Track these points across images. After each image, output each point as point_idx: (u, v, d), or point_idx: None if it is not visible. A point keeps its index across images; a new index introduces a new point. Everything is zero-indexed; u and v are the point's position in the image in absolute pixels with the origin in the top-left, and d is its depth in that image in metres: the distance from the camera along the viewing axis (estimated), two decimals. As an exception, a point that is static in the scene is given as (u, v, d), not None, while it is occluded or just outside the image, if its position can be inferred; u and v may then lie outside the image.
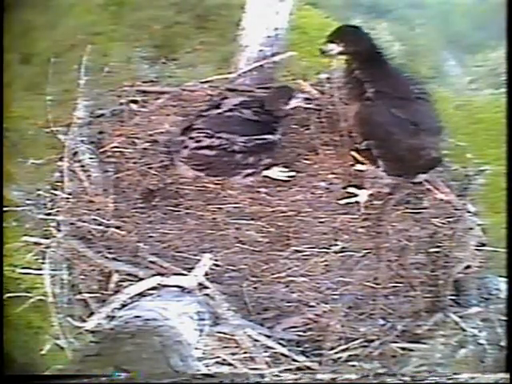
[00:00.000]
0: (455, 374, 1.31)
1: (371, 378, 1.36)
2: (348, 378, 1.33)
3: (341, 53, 2.25)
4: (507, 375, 1.35)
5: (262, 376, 1.74)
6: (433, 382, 1.26)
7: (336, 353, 2.05)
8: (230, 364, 2.02)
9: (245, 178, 2.40)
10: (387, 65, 2.31)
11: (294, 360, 2.01)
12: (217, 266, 2.18)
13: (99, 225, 2.29)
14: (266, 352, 2.00)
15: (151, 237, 2.29)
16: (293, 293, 2.18)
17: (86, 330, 2.08)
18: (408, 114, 2.19)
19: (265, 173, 2.43)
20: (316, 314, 2.13)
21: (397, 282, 2.25)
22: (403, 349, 2.09)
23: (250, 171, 2.38)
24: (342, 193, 2.44)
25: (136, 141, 2.58)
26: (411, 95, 2.23)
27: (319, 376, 1.47)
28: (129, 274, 2.13)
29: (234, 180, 2.42)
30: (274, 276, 2.21)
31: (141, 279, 2.07)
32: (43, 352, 2.34)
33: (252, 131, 2.34)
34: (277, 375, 1.80)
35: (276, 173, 2.46)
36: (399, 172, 2.34)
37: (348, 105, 2.33)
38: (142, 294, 2.01)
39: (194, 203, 2.40)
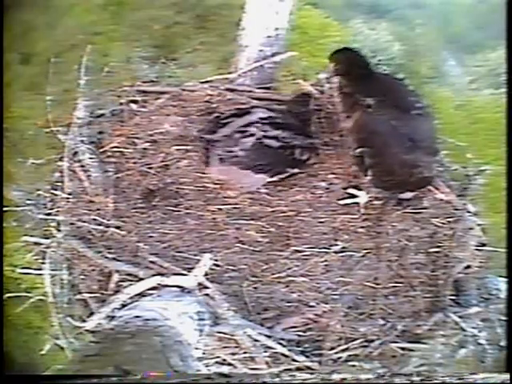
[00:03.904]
0: (472, 373, 1.31)
1: (387, 378, 1.36)
2: (358, 378, 1.33)
3: (335, 73, 2.38)
4: (507, 375, 1.35)
5: (278, 376, 1.74)
6: (442, 382, 1.25)
7: (336, 353, 2.05)
8: (230, 364, 2.02)
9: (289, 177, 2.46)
10: (386, 80, 2.37)
11: (294, 360, 2.01)
12: (217, 265, 2.17)
13: (99, 225, 2.29)
14: (265, 352, 2.00)
15: (151, 237, 2.29)
16: (293, 293, 2.18)
17: (86, 330, 2.08)
18: (407, 129, 2.18)
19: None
20: (316, 314, 2.13)
21: (397, 282, 2.25)
22: (403, 349, 2.09)
23: (297, 170, 2.45)
24: (342, 193, 2.44)
25: (136, 141, 2.58)
26: (413, 112, 2.22)
27: (334, 376, 1.47)
28: (129, 274, 2.13)
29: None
30: (274, 276, 2.21)
31: (141, 279, 2.06)
32: (43, 352, 2.33)
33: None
34: (292, 375, 1.79)
35: None
36: (386, 185, 2.32)
37: (346, 116, 2.33)
38: (142, 294, 2.00)
39: (194, 203, 2.40)
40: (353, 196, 2.41)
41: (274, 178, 2.45)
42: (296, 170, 2.47)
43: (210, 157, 2.46)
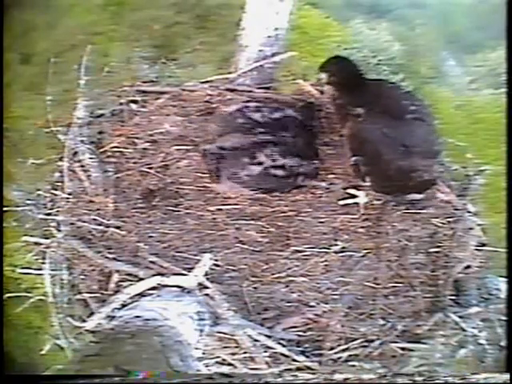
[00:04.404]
0: (474, 373, 1.31)
1: (389, 378, 1.36)
2: (360, 378, 1.33)
3: (327, 83, 2.38)
4: (507, 375, 1.35)
5: (280, 376, 1.74)
6: (444, 382, 1.25)
7: (336, 353, 2.05)
8: (230, 364, 2.02)
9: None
10: (378, 87, 2.35)
11: (294, 360, 2.01)
12: (217, 265, 2.17)
13: (99, 225, 2.29)
14: (265, 352, 2.00)
15: (151, 237, 2.29)
16: (293, 293, 2.18)
17: (86, 330, 2.08)
18: (399, 134, 2.17)
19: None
20: (316, 314, 2.13)
21: (397, 282, 2.25)
22: (403, 349, 2.09)
23: (295, 191, 2.45)
24: (342, 193, 2.44)
25: (136, 141, 2.58)
26: (407, 116, 2.20)
27: (336, 376, 1.47)
28: (129, 274, 2.13)
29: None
30: (274, 276, 2.21)
31: (141, 279, 2.07)
32: (43, 352, 2.34)
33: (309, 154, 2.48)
34: (294, 375, 1.80)
35: None
36: (386, 190, 2.32)
37: (341, 126, 2.34)
38: (141, 294, 2.00)
39: (193, 203, 2.40)
40: (353, 196, 2.41)
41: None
42: (295, 191, 2.46)
43: (220, 176, 2.44)
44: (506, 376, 1.31)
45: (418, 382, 1.22)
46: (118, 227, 2.29)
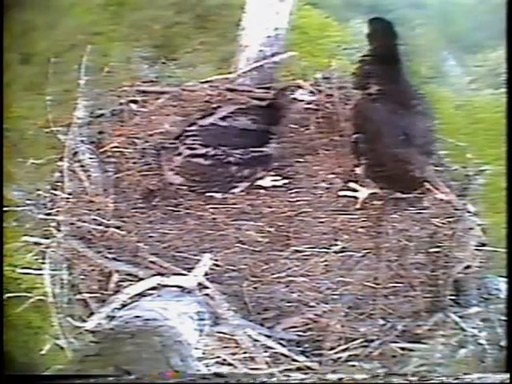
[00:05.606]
0: (467, 373, 1.31)
1: (382, 378, 1.36)
2: (354, 378, 1.33)
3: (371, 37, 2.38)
4: (506, 375, 1.35)
5: (274, 375, 1.74)
6: (439, 381, 1.25)
7: (336, 353, 2.05)
8: (230, 364, 2.02)
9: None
10: (400, 72, 2.35)
11: (294, 360, 2.01)
12: (217, 265, 2.18)
13: (99, 225, 2.30)
14: (266, 352, 2.00)
15: (151, 237, 2.30)
16: (293, 293, 2.19)
17: (86, 330, 2.08)
18: (404, 122, 2.18)
19: (258, 182, 2.43)
20: (316, 314, 2.13)
21: (397, 282, 2.25)
22: (403, 349, 2.09)
23: (245, 185, 2.37)
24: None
25: (136, 141, 2.58)
26: (414, 109, 2.22)
27: (330, 376, 1.47)
28: (129, 274, 2.13)
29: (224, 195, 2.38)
30: (274, 276, 2.21)
31: (141, 279, 2.07)
32: (43, 352, 2.34)
33: (248, 143, 2.33)
34: (287, 375, 1.80)
35: (268, 182, 2.45)
36: (377, 177, 2.31)
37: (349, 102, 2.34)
38: (141, 294, 2.01)
39: (193, 203, 2.40)
40: (353, 190, 2.41)
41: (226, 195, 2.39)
42: (246, 184, 2.39)
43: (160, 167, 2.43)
44: (504, 376, 1.30)
45: (413, 382, 1.22)
46: (118, 227, 2.29)
